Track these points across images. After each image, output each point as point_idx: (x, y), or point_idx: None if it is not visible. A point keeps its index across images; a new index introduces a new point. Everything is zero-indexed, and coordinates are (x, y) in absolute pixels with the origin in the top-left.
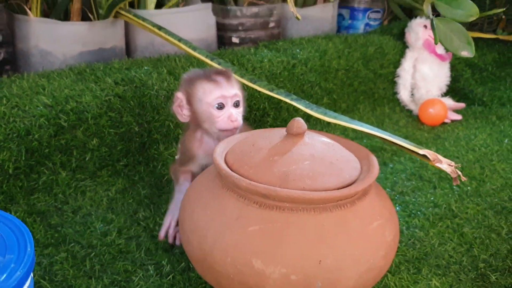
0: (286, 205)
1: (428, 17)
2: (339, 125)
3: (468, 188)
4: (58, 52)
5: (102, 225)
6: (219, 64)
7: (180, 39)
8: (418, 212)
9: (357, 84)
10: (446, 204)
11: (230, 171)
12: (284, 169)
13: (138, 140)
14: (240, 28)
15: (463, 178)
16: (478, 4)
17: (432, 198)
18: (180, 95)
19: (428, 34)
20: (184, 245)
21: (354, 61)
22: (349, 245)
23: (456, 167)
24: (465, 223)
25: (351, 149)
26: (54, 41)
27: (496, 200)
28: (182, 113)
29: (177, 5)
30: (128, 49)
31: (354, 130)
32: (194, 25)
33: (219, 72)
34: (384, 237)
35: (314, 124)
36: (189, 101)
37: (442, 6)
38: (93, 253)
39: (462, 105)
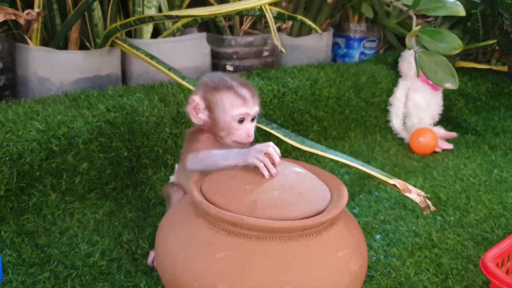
0: (253, 233)
1: (409, 49)
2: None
3: (451, 218)
4: (56, 79)
5: (86, 246)
6: None
7: (170, 68)
8: (398, 241)
9: (348, 112)
10: (427, 234)
11: (201, 198)
12: (253, 198)
13: (127, 164)
14: (234, 56)
15: (432, 208)
16: (472, 35)
17: (413, 228)
18: (197, 99)
19: None
20: (157, 269)
21: (346, 90)
22: (312, 273)
23: (425, 197)
24: (444, 254)
25: (324, 179)
26: (52, 68)
27: (478, 231)
28: (197, 116)
29: (173, 34)
30: (124, 76)
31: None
32: (189, 54)
33: (245, 85)
34: (349, 267)
35: (298, 152)
36: (210, 108)
37: (426, 39)
38: (75, 273)
39: (453, 134)
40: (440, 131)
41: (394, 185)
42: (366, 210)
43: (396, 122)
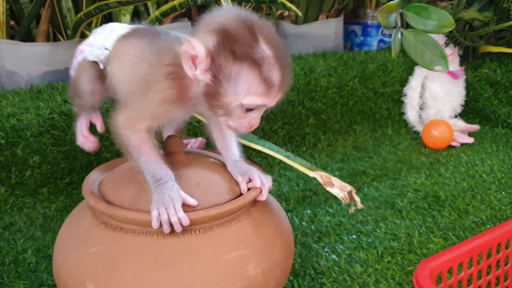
0: (130, 227)
1: (387, 28)
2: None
3: (444, 220)
4: (23, 72)
5: (25, 242)
6: None
7: None
8: (370, 245)
9: (353, 104)
10: (407, 237)
11: (88, 187)
12: (140, 189)
13: (84, 158)
14: None
15: (360, 206)
16: (501, 15)
17: (394, 230)
18: (201, 51)
19: None
20: None
21: (349, 79)
22: (192, 274)
23: (352, 192)
24: (420, 260)
25: None
26: (19, 61)
27: (471, 235)
28: (193, 71)
29: (153, 23)
30: None
31: (343, 153)
32: None
33: (280, 63)
34: (245, 270)
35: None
36: (215, 75)
37: (412, 17)
38: (1, 270)
39: (475, 127)
40: (460, 123)
41: (315, 178)
42: (345, 209)
43: (411, 114)
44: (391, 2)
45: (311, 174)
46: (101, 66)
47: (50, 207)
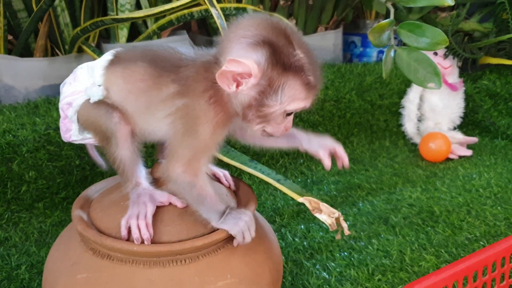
0: (117, 255)
1: (379, 47)
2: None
3: (438, 236)
4: (21, 87)
5: (19, 258)
6: None
7: None
8: (361, 262)
9: (350, 116)
10: (399, 254)
11: (77, 211)
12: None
13: (79, 173)
14: None
15: (347, 232)
16: (500, 27)
17: (387, 247)
18: (254, 69)
19: (437, 62)
20: None
21: (346, 92)
22: None
23: (339, 218)
24: (411, 279)
25: (240, 194)
26: (16, 76)
27: (463, 252)
28: (234, 88)
29: (150, 37)
30: None
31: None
32: None
33: (314, 64)
34: None
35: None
36: (263, 87)
37: (405, 34)
38: None
39: (473, 139)
40: (458, 135)
41: (303, 203)
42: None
43: (409, 126)
44: (383, 22)
45: (300, 199)
46: (109, 101)
47: (45, 222)
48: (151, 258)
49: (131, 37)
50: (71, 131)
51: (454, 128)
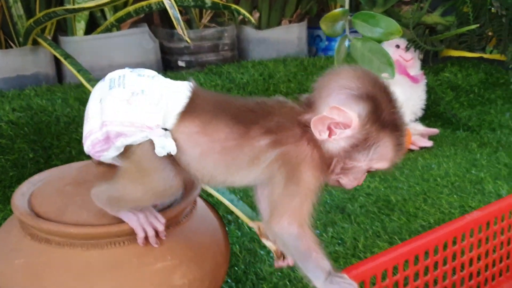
0: (55, 239)
1: (333, 36)
2: None
3: (392, 224)
4: None
5: None
6: None
7: (79, 70)
8: None
9: None
10: (353, 242)
11: (16, 198)
12: (66, 200)
13: (33, 166)
14: (186, 51)
15: (291, 263)
16: (461, 20)
17: (341, 234)
18: (356, 120)
19: (399, 54)
20: None
21: (309, 85)
22: (114, 286)
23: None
24: None
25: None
26: None
27: None
28: (327, 136)
29: (109, 30)
30: (62, 74)
31: None
32: (129, 50)
33: (404, 122)
34: (170, 281)
35: None
36: (357, 141)
37: (359, 24)
38: None
39: (434, 130)
40: (419, 127)
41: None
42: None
43: None
44: (335, 10)
45: (250, 224)
46: (173, 153)
47: None
48: (89, 241)
49: (89, 30)
50: (104, 154)
51: (416, 120)
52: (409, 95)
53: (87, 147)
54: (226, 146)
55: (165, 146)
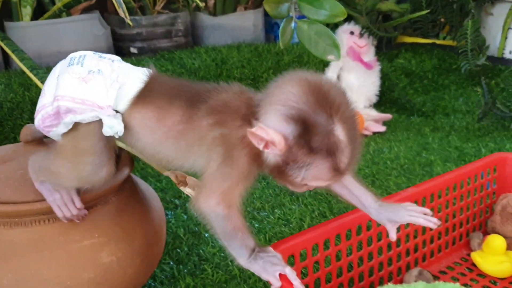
0: None
1: (278, 18)
2: None
3: (338, 205)
4: None
5: None
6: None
7: (23, 58)
8: (260, 231)
9: None
10: (299, 222)
11: None
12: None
13: None
14: (138, 38)
15: None
16: (414, 6)
17: (288, 215)
18: (276, 138)
19: (353, 40)
20: None
21: (264, 71)
22: (38, 264)
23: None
24: None
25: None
26: None
27: None
28: (263, 149)
29: (58, 16)
30: (10, 61)
31: None
32: (78, 36)
33: (354, 141)
34: (97, 258)
35: None
36: (287, 159)
37: (305, 7)
38: None
39: (388, 116)
40: (372, 112)
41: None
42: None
43: None
44: None
45: (165, 173)
46: (116, 136)
47: None
48: (12, 219)
49: (36, 16)
50: (53, 130)
51: (370, 106)
52: (363, 81)
53: (37, 121)
54: (179, 129)
55: (113, 126)
